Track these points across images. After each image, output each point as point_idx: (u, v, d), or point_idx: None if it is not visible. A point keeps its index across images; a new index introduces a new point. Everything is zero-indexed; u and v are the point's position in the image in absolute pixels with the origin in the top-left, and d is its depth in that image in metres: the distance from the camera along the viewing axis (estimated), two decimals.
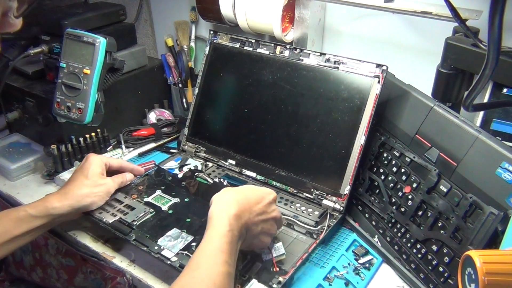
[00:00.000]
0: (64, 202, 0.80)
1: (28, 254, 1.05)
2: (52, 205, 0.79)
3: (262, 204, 0.71)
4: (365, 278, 0.78)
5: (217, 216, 0.66)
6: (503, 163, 0.63)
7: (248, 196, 0.71)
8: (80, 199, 0.82)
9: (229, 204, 0.67)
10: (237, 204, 0.67)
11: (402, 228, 0.78)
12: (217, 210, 0.67)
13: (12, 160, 1.07)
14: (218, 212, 0.67)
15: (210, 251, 0.62)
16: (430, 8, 0.84)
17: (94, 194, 0.83)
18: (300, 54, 0.94)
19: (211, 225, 0.65)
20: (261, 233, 0.72)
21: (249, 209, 0.69)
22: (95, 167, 0.85)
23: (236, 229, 0.65)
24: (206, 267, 0.60)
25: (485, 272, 0.48)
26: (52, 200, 0.80)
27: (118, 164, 0.92)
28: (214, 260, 0.61)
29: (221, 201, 0.69)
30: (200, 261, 0.61)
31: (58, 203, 0.79)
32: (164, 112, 1.27)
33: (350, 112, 0.87)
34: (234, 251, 0.64)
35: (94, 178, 0.84)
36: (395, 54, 1.01)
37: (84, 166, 0.86)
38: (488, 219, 0.62)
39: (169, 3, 1.37)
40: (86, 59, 0.90)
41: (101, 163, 0.87)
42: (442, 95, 0.83)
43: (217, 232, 0.64)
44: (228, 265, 0.61)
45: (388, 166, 0.82)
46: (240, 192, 0.72)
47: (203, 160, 1.05)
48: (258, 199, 0.71)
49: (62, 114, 0.91)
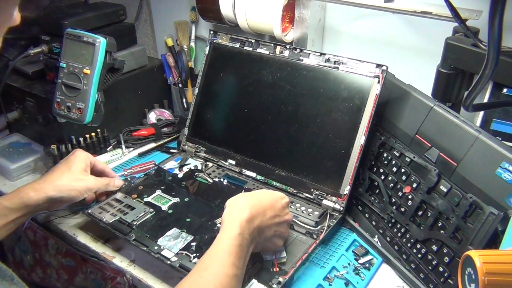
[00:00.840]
0: (41, 192, 0.78)
1: (28, 254, 1.05)
2: (28, 195, 0.77)
3: (275, 208, 0.73)
4: (365, 278, 0.78)
5: (228, 220, 0.68)
6: (503, 163, 0.63)
7: (261, 200, 0.72)
8: (58, 189, 0.80)
9: (241, 208, 0.69)
10: (249, 208, 0.69)
11: (402, 228, 0.78)
12: (229, 214, 0.69)
13: (12, 160, 1.07)
14: (230, 216, 0.68)
15: (219, 253, 0.63)
16: (430, 8, 0.84)
17: (72, 187, 0.81)
18: (300, 54, 0.94)
19: (223, 228, 0.67)
20: (274, 236, 0.73)
21: (263, 213, 0.70)
22: (80, 162, 0.84)
23: (247, 233, 0.67)
24: (213, 267, 0.61)
25: (485, 272, 0.48)
26: (27, 191, 0.78)
27: (102, 167, 0.91)
28: (222, 261, 0.62)
29: (234, 205, 0.71)
30: (208, 262, 0.63)
31: (34, 193, 0.77)
32: (164, 112, 1.27)
33: (350, 112, 0.87)
34: (243, 254, 0.65)
35: (76, 172, 0.83)
36: (395, 54, 1.01)
37: (69, 159, 0.85)
38: (488, 219, 0.62)
39: (169, 3, 1.37)
40: (86, 59, 0.90)
41: (87, 160, 0.86)
42: (442, 95, 0.83)
43: (227, 235, 0.65)
44: (236, 268, 0.62)
45: (388, 166, 0.82)
46: (254, 196, 0.73)
47: (203, 160, 1.05)
48: (272, 203, 0.73)
49: (62, 114, 0.91)
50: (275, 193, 0.76)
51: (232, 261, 0.62)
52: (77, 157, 0.85)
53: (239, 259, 0.64)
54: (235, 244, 0.64)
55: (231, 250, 0.63)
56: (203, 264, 0.63)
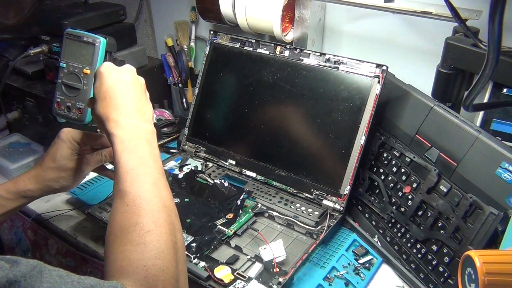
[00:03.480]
0: (36, 185, 0.77)
1: (28, 254, 1.05)
2: (26, 187, 0.76)
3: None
4: (365, 278, 0.78)
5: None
6: (503, 163, 0.63)
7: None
8: (48, 183, 0.77)
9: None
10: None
11: (402, 228, 0.78)
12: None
13: (12, 160, 1.07)
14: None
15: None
16: (430, 8, 0.84)
17: (62, 178, 0.78)
18: (300, 54, 0.94)
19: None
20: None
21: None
22: (64, 149, 0.78)
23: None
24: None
25: (485, 272, 0.48)
26: (24, 183, 0.76)
27: (94, 138, 0.81)
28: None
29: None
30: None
31: (31, 186, 0.76)
32: (164, 112, 1.27)
33: (350, 112, 0.87)
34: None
35: (61, 161, 0.77)
36: (395, 54, 1.01)
37: (53, 147, 0.79)
38: (488, 219, 0.62)
39: (169, 3, 1.37)
40: (86, 59, 0.90)
41: (72, 143, 0.78)
42: (442, 95, 0.83)
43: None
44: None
45: (388, 166, 0.82)
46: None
47: (203, 160, 1.05)
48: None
49: (62, 114, 0.91)
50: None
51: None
52: (60, 143, 0.78)
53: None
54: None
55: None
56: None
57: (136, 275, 0.50)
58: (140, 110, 0.66)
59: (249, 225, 0.85)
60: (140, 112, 0.65)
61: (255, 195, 0.94)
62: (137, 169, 0.58)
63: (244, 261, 0.76)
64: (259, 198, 0.93)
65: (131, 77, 0.68)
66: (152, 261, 0.51)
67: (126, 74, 0.68)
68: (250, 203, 0.91)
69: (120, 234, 0.53)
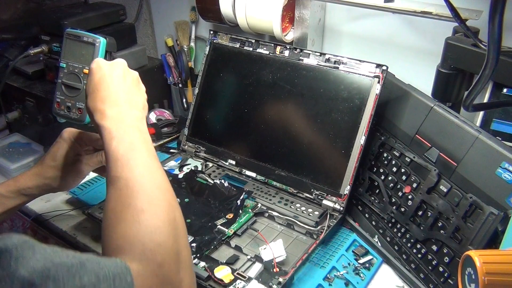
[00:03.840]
0: (35, 183, 0.77)
1: None
2: (26, 185, 0.76)
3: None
4: (365, 278, 0.78)
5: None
6: (503, 163, 0.63)
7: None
8: (48, 182, 0.78)
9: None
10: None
11: (402, 228, 0.78)
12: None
13: (12, 160, 1.07)
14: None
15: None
16: (430, 8, 0.84)
17: (61, 177, 0.78)
18: (300, 54, 0.94)
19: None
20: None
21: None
22: (65, 149, 0.79)
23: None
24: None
25: (485, 272, 0.48)
26: (24, 181, 0.76)
27: (95, 138, 0.82)
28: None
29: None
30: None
31: (31, 183, 0.76)
32: (164, 112, 1.27)
33: (350, 112, 0.87)
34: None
35: (62, 160, 0.78)
36: (395, 54, 1.01)
37: (55, 146, 0.80)
38: (488, 219, 0.62)
39: (169, 3, 1.37)
40: (86, 59, 0.90)
41: (73, 143, 0.80)
42: (442, 95, 0.83)
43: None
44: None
45: (388, 166, 0.82)
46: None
47: (203, 160, 1.05)
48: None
49: (62, 114, 0.91)
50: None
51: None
52: (62, 143, 0.79)
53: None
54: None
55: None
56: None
57: (133, 250, 0.49)
58: (128, 99, 0.65)
59: (249, 225, 0.85)
60: (127, 101, 0.65)
61: (255, 195, 0.94)
62: (127, 155, 0.58)
63: (244, 261, 0.76)
64: (259, 198, 0.93)
65: (121, 70, 0.67)
66: (148, 236, 0.50)
67: (116, 68, 0.68)
68: (250, 203, 0.91)
69: (114, 217, 0.53)
